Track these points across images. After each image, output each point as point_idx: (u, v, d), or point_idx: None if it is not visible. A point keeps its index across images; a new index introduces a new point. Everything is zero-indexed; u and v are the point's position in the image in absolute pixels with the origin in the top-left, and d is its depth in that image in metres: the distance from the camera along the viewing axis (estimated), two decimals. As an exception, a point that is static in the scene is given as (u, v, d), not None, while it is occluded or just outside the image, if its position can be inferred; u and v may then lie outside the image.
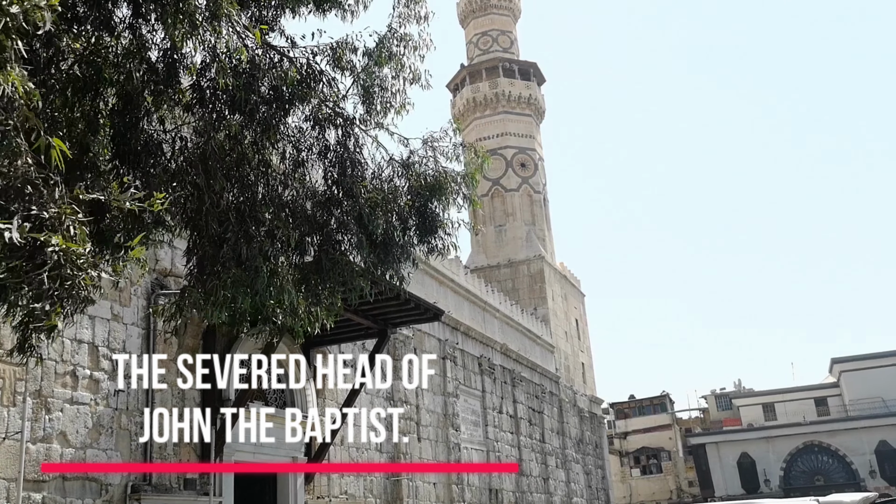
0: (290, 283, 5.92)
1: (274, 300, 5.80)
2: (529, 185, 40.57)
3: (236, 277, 5.65)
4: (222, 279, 5.68)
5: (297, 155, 6.41)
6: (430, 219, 6.78)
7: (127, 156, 5.47)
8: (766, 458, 49.21)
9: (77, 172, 4.68)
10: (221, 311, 5.83)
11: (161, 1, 4.83)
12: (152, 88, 5.31)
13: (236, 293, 5.64)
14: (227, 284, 5.64)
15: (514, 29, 45.34)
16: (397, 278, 6.80)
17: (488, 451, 23.98)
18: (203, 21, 4.87)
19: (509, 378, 27.32)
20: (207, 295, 5.76)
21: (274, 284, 5.77)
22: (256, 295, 5.72)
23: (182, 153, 5.82)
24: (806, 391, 53.84)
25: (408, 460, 18.29)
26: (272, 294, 5.75)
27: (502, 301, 29.18)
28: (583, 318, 43.08)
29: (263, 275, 5.69)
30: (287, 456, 13.91)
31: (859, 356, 51.03)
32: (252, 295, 5.71)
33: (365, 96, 6.61)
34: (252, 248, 5.74)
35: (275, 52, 6.10)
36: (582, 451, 35.67)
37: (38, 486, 9.23)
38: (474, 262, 38.16)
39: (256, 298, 5.74)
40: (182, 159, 5.78)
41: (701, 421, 59.16)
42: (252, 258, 5.72)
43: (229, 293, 5.63)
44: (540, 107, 42.91)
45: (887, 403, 48.64)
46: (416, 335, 19.98)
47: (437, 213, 6.80)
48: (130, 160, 5.50)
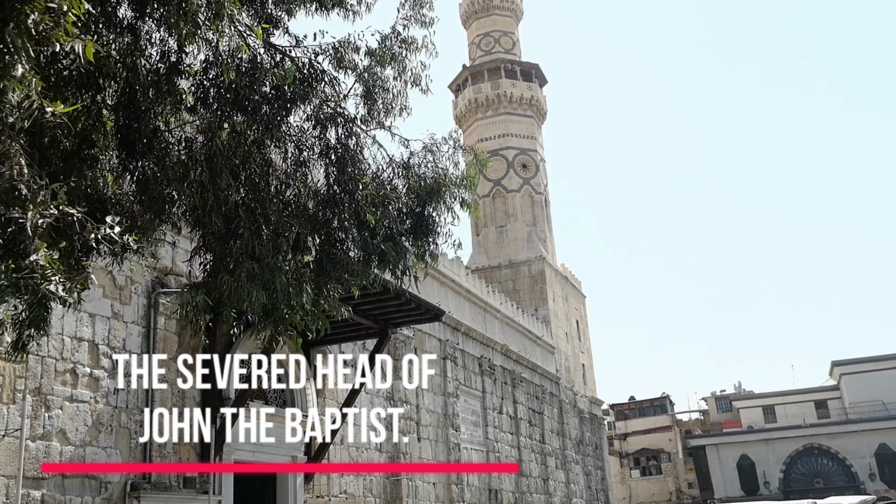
0: (308, 280, 5.93)
1: (291, 298, 5.80)
2: (531, 185, 40.58)
3: (251, 272, 5.65)
4: (236, 274, 5.67)
5: (298, 154, 6.41)
6: (426, 222, 6.78)
7: (135, 145, 5.47)
8: (766, 460, 49.24)
9: (76, 163, 4.69)
10: (235, 306, 5.84)
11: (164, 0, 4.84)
12: (154, 90, 5.32)
13: (251, 288, 5.64)
14: (241, 279, 5.63)
15: (517, 30, 45.35)
16: (402, 271, 6.80)
17: (488, 452, 23.99)
18: (205, 20, 4.88)
19: (509, 379, 27.33)
20: (221, 290, 5.76)
21: (292, 282, 5.78)
22: (274, 292, 5.71)
23: (188, 149, 5.83)
24: (806, 394, 53.86)
25: (408, 460, 18.30)
26: (290, 292, 5.75)
27: (503, 302, 29.18)
28: (583, 319, 43.08)
29: (281, 272, 5.71)
30: (287, 455, 13.91)
31: (860, 359, 51.04)
32: (268, 291, 5.70)
33: (366, 96, 6.62)
34: (264, 245, 5.75)
35: (276, 52, 6.10)
36: (582, 452, 35.67)
37: (38, 483, 9.23)
38: (475, 263, 38.16)
39: (273, 296, 5.73)
40: (185, 156, 5.79)
41: (701, 423, 59.16)
42: (266, 255, 5.73)
43: (244, 289, 5.62)
44: (542, 108, 42.92)
45: (887, 406, 48.65)
46: (417, 335, 19.98)
47: (432, 217, 6.81)
48: (138, 151, 5.51)
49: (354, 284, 6.55)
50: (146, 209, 5.53)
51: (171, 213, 5.80)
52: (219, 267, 5.90)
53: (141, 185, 5.54)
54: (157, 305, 11.41)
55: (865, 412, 49.00)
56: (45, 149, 4.32)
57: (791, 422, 50.78)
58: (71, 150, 4.52)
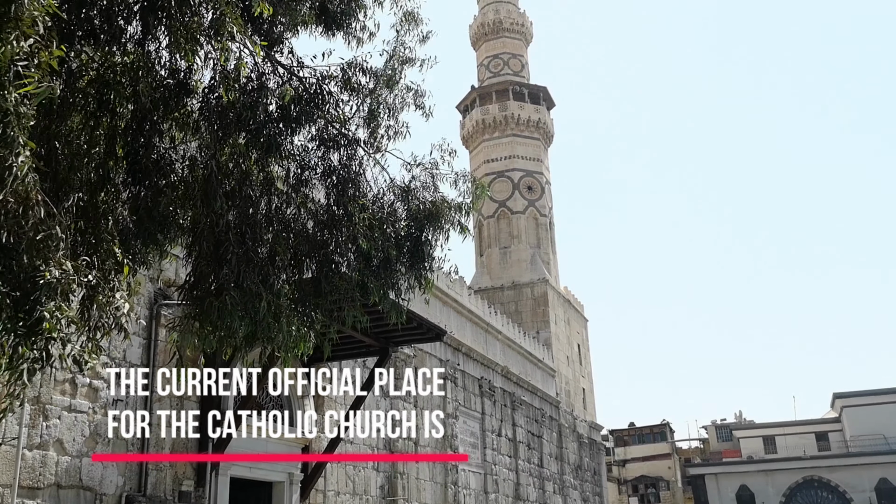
0: (288, 306, 5.90)
1: (271, 329, 5.77)
2: (536, 208, 40.63)
3: (235, 300, 5.63)
4: (220, 300, 5.66)
5: (300, 174, 6.44)
6: (422, 247, 6.78)
7: (138, 173, 5.50)
8: (766, 491, 48.82)
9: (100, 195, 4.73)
10: (215, 338, 5.81)
11: (167, 14, 4.87)
12: (161, 109, 5.35)
13: (233, 316, 5.61)
14: (226, 306, 5.61)
15: (526, 53, 45.60)
16: (395, 301, 6.79)
17: (486, 474, 23.85)
18: (207, 38, 4.90)
19: (509, 401, 27.22)
20: (205, 317, 5.74)
21: (271, 311, 5.75)
22: (254, 322, 5.68)
23: (191, 171, 5.85)
24: (807, 425, 53.49)
25: (405, 480, 18.23)
26: (269, 319, 5.72)
27: (505, 323, 29.12)
28: (585, 343, 42.96)
29: (263, 300, 5.67)
30: (283, 472, 13.87)
31: (862, 392, 50.74)
32: (250, 320, 5.67)
33: (370, 118, 6.67)
34: (251, 272, 5.73)
35: (284, 70, 6.15)
36: (580, 477, 35.44)
37: (33, 493, 9.21)
38: (478, 283, 38.13)
39: (253, 325, 5.71)
40: (188, 176, 5.81)
41: (700, 451, 58.77)
42: (252, 282, 5.70)
43: (227, 318, 5.60)
44: (548, 131, 43.06)
45: (889, 440, 48.27)
46: (419, 355, 19.94)
47: (429, 241, 6.80)
48: (141, 176, 5.54)
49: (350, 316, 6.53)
50: (145, 230, 5.53)
51: (171, 234, 5.80)
52: (207, 293, 5.87)
53: (143, 206, 5.55)
54: (158, 317, 11.41)
55: (866, 445, 48.63)
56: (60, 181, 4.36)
57: (791, 453, 50.42)
58: (90, 180, 4.57)
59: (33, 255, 3.83)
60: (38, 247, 3.82)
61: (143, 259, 5.62)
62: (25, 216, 3.76)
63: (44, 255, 3.85)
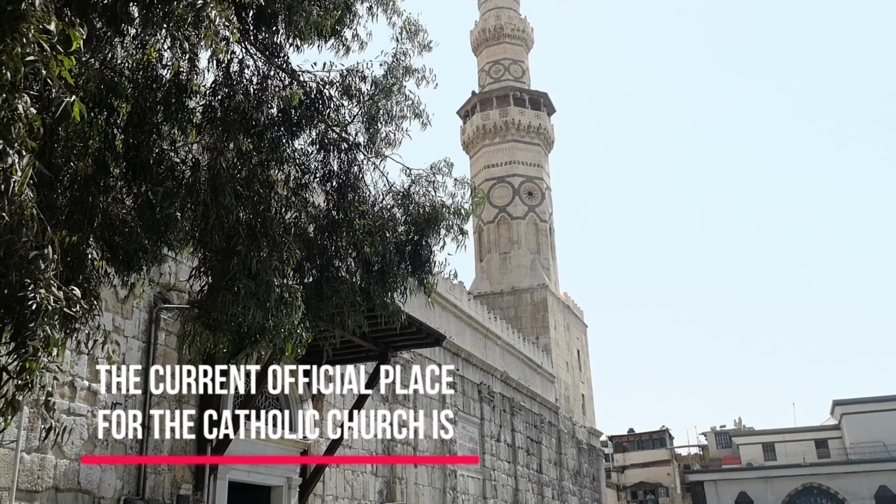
0: (300, 300, 5.92)
1: (283, 318, 5.79)
2: (536, 213, 40.64)
3: (248, 289, 5.66)
4: (233, 291, 5.68)
5: (301, 177, 6.45)
6: (422, 252, 6.80)
7: (138, 168, 5.50)
8: (765, 498, 48.76)
9: (92, 189, 4.71)
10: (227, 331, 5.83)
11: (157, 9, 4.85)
12: (162, 109, 5.35)
13: (247, 305, 5.63)
14: (238, 295, 5.63)
15: (527, 59, 45.66)
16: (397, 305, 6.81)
17: (485, 480, 23.81)
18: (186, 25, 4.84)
19: (508, 406, 27.19)
20: (218, 309, 5.76)
21: (284, 300, 5.78)
22: (267, 310, 5.70)
23: (194, 169, 5.86)
24: (807, 432, 53.46)
25: (404, 485, 18.21)
26: (281, 310, 5.75)
27: (504, 329, 29.11)
28: (584, 349, 42.93)
29: (275, 288, 5.70)
30: (282, 476, 13.86)
31: (862, 399, 50.71)
32: (263, 308, 5.69)
33: (369, 123, 6.68)
34: (262, 261, 5.76)
35: (285, 74, 6.17)
36: (579, 483, 35.39)
37: (31, 496, 9.19)
38: (478, 288, 38.12)
39: (266, 314, 5.72)
40: (190, 175, 5.82)
41: (700, 458, 58.70)
42: (263, 271, 5.73)
43: (240, 306, 5.62)
44: (549, 136, 43.09)
45: (888, 448, 48.22)
46: (417, 360, 19.92)
47: (429, 248, 6.82)
48: (143, 173, 5.54)
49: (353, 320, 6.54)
50: (148, 231, 5.54)
51: (173, 236, 5.81)
52: (218, 285, 5.90)
53: (144, 206, 5.56)
54: (158, 321, 11.41)
55: (866, 453, 48.56)
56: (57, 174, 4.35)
57: (791, 460, 50.36)
58: (86, 175, 4.55)
59: (23, 273, 3.80)
60: (28, 267, 3.79)
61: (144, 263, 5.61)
62: (19, 232, 3.73)
63: (34, 276, 3.82)
